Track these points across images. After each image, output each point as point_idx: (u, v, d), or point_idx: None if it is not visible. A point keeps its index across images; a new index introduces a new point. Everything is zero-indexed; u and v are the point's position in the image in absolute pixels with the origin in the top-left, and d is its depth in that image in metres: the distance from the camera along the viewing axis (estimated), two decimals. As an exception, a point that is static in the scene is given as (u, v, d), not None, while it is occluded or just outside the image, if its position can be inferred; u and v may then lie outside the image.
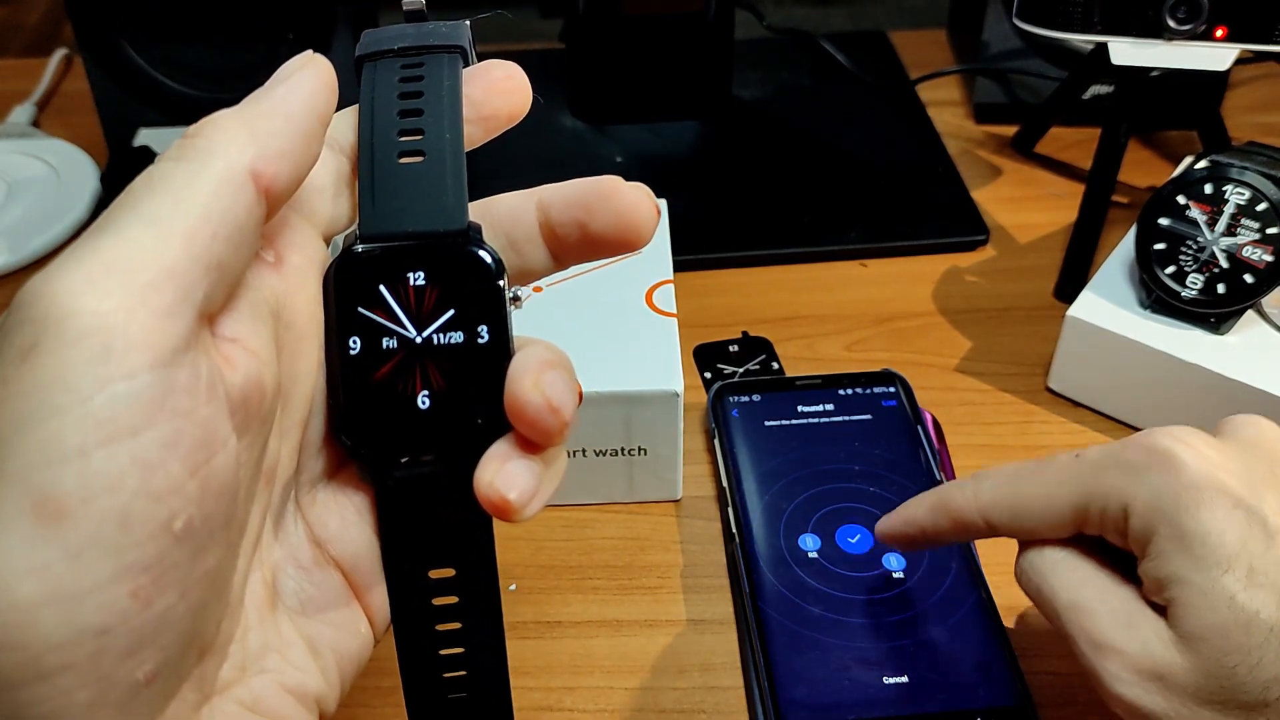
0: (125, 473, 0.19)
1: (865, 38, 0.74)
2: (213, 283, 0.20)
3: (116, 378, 0.19)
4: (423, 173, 0.25)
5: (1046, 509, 0.32)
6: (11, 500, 0.18)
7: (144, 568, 0.19)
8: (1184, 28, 0.50)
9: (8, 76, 0.73)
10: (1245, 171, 0.45)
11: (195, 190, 0.20)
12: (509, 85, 0.26)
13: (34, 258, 0.59)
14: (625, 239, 0.26)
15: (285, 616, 0.24)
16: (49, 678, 0.19)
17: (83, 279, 0.19)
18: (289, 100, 0.22)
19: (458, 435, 0.24)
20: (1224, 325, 0.46)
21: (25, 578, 0.18)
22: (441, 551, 0.25)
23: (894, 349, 0.53)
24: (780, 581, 0.40)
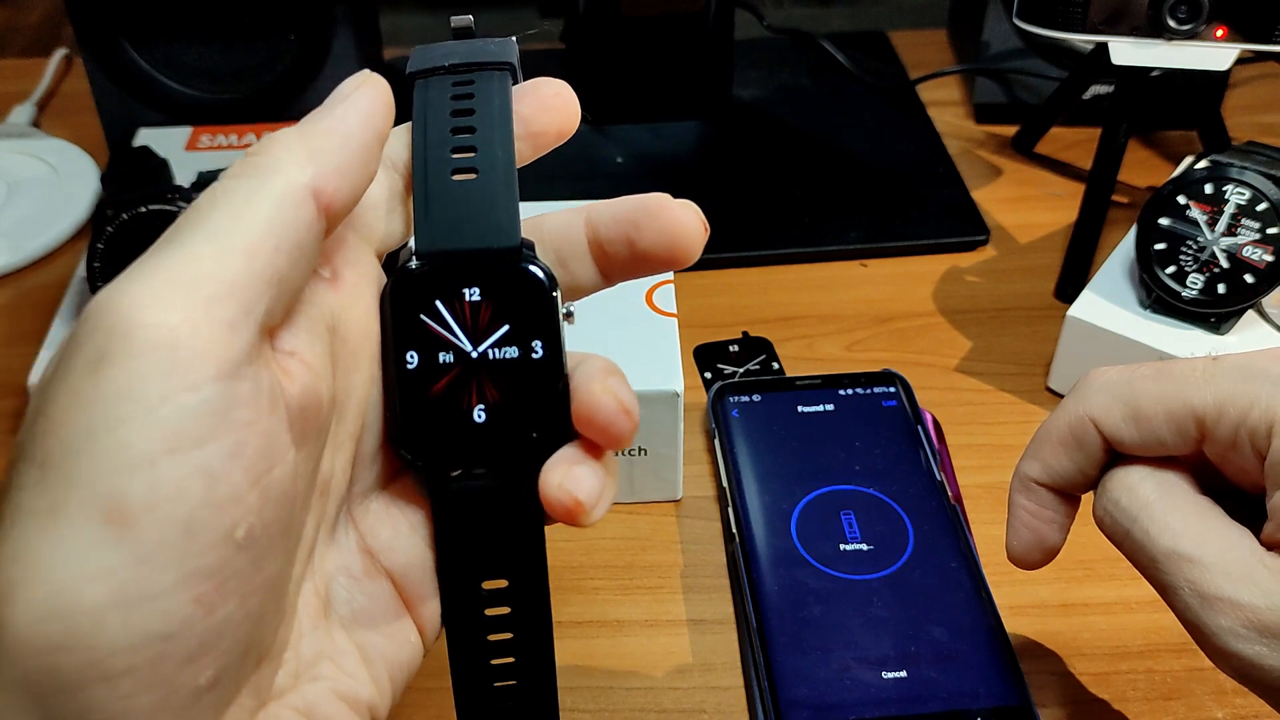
0: (190, 481, 0.19)
1: (865, 38, 0.74)
2: (273, 297, 0.21)
3: (182, 389, 0.19)
4: (476, 190, 0.25)
5: (1170, 412, 0.28)
6: (80, 506, 0.19)
7: (207, 575, 0.20)
8: (1184, 27, 0.50)
9: (8, 77, 0.73)
10: (1245, 171, 0.45)
11: (256, 206, 0.21)
12: (558, 103, 0.27)
13: (34, 258, 0.58)
14: (673, 256, 0.26)
15: (338, 625, 0.25)
16: (113, 680, 0.19)
17: (149, 293, 0.19)
18: (347, 119, 0.23)
19: (513, 448, 0.25)
20: (1224, 325, 0.46)
21: (92, 581, 0.19)
22: (495, 563, 0.26)
23: (894, 349, 0.53)
24: (780, 581, 0.40)
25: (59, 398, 0.19)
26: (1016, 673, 0.38)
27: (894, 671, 0.38)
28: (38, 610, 0.19)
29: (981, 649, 0.38)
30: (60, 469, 0.19)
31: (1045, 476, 0.32)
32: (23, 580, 0.19)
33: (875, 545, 0.42)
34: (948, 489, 0.44)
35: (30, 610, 0.19)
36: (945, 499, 0.43)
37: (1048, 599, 0.42)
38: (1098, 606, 0.42)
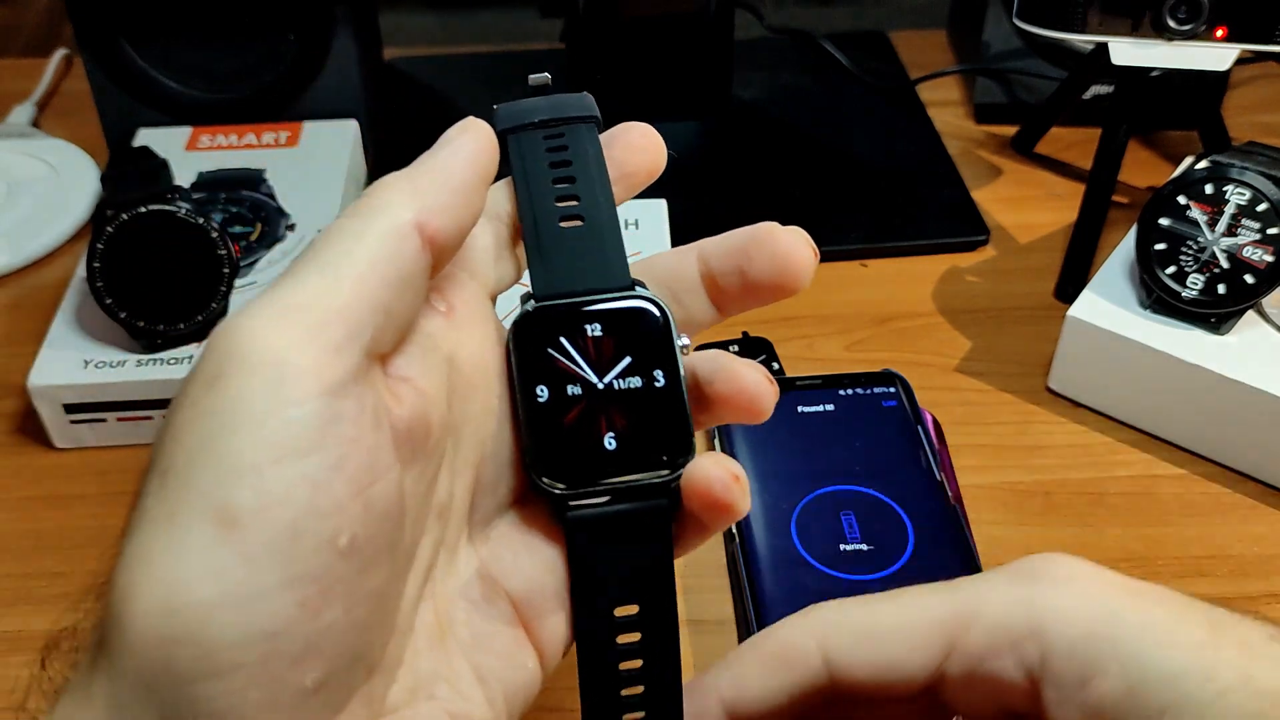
0: (295, 489, 0.21)
1: (866, 38, 0.74)
2: (380, 325, 0.22)
3: (288, 403, 0.21)
4: (585, 237, 0.27)
5: (909, 632, 0.25)
6: (194, 509, 0.20)
7: (312, 579, 0.21)
8: (1184, 28, 0.50)
9: (7, 76, 0.73)
10: (1246, 172, 0.45)
11: (364, 241, 0.22)
12: (645, 144, 0.28)
13: (34, 258, 0.58)
14: (784, 282, 0.27)
15: (455, 647, 0.25)
16: (223, 675, 0.20)
17: (263, 318, 0.21)
18: (451, 161, 0.24)
19: (644, 469, 0.27)
20: (1224, 326, 0.46)
21: (204, 579, 0.20)
22: (627, 588, 0.27)
23: (894, 349, 0.53)
24: (780, 582, 0.40)
25: (181, 411, 0.21)
26: (1016, 673, 0.37)
27: (894, 672, 0.37)
28: (154, 606, 0.20)
29: (981, 649, 0.38)
30: (179, 477, 0.21)
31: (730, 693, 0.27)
32: (142, 579, 0.20)
33: (875, 545, 0.42)
34: (948, 489, 0.44)
35: (147, 606, 0.20)
36: (945, 499, 0.43)
37: (1048, 599, 0.42)
38: (1098, 607, 0.42)
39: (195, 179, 0.56)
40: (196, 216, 0.46)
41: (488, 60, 0.71)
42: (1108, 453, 0.48)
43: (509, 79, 0.69)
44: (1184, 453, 0.47)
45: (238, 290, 0.50)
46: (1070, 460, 0.47)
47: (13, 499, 0.47)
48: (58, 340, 0.48)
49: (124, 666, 0.20)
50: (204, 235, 0.47)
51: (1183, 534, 0.44)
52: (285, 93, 0.61)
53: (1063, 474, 0.47)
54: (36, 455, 0.49)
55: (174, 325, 0.47)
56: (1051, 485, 0.46)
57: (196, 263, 0.47)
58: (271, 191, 0.56)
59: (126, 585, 0.20)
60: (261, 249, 0.53)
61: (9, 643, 0.41)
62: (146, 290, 0.46)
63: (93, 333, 0.48)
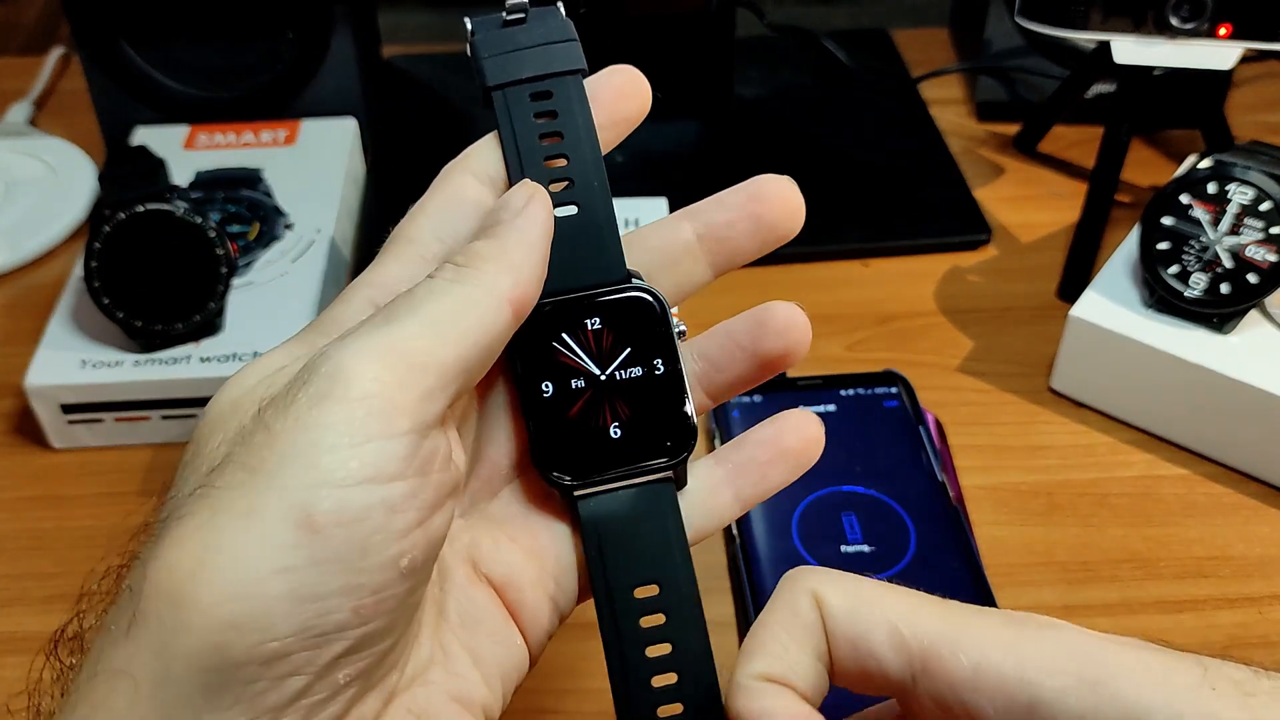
0: (374, 509, 0.22)
1: (867, 36, 0.74)
2: (463, 384, 0.25)
3: (384, 434, 0.23)
4: (580, 230, 0.28)
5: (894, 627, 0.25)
6: (281, 509, 0.22)
7: (370, 591, 0.23)
8: (1187, 26, 0.50)
9: (5, 75, 0.73)
10: (1249, 171, 0.45)
11: (469, 308, 0.25)
12: (632, 89, 0.29)
13: (31, 257, 0.58)
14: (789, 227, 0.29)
15: (448, 630, 0.27)
16: (271, 662, 0.22)
17: (373, 354, 0.23)
18: (530, 232, 0.26)
19: (651, 455, 0.28)
20: (1227, 325, 0.46)
21: (275, 575, 0.22)
22: (644, 570, 0.27)
23: (895, 349, 0.53)
24: (781, 583, 0.40)
25: (283, 420, 0.23)
26: (1019, 675, 0.37)
27: (896, 674, 0.37)
28: (224, 592, 0.21)
29: (984, 651, 0.38)
30: (269, 477, 0.22)
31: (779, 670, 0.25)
32: (215, 564, 0.22)
33: (876, 546, 0.41)
34: (949, 490, 0.44)
35: (217, 590, 0.21)
36: (947, 500, 0.43)
37: (1050, 601, 0.42)
38: (1100, 608, 0.42)
39: (193, 178, 0.56)
40: (194, 216, 0.46)
41: (487, 58, 0.71)
42: (1110, 453, 0.47)
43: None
44: (1186, 453, 0.47)
45: (236, 290, 0.49)
46: (1072, 460, 0.47)
47: (10, 499, 0.47)
48: (55, 340, 0.48)
49: (179, 646, 0.21)
50: (202, 234, 0.46)
51: (1185, 534, 0.44)
52: (283, 91, 0.61)
53: (1065, 474, 0.47)
54: (34, 455, 0.49)
55: (172, 325, 0.47)
56: (1053, 486, 0.46)
57: (194, 262, 0.47)
58: (269, 190, 0.56)
59: (197, 563, 0.22)
60: (259, 248, 0.52)
61: (7, 643, 0.41)
62: (144, 290, 0.46)
63: (90, 332, 0.48)
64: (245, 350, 0.48)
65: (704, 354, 0.30)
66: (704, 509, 0.29)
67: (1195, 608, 0.41)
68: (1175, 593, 0.42)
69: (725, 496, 0.29)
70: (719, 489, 0.29)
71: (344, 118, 0.60)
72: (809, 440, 0.29)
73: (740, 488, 0.29)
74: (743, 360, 0.29)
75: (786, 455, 0.29)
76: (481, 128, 0.31)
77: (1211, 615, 0.41)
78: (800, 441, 0.29)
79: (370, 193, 0.61)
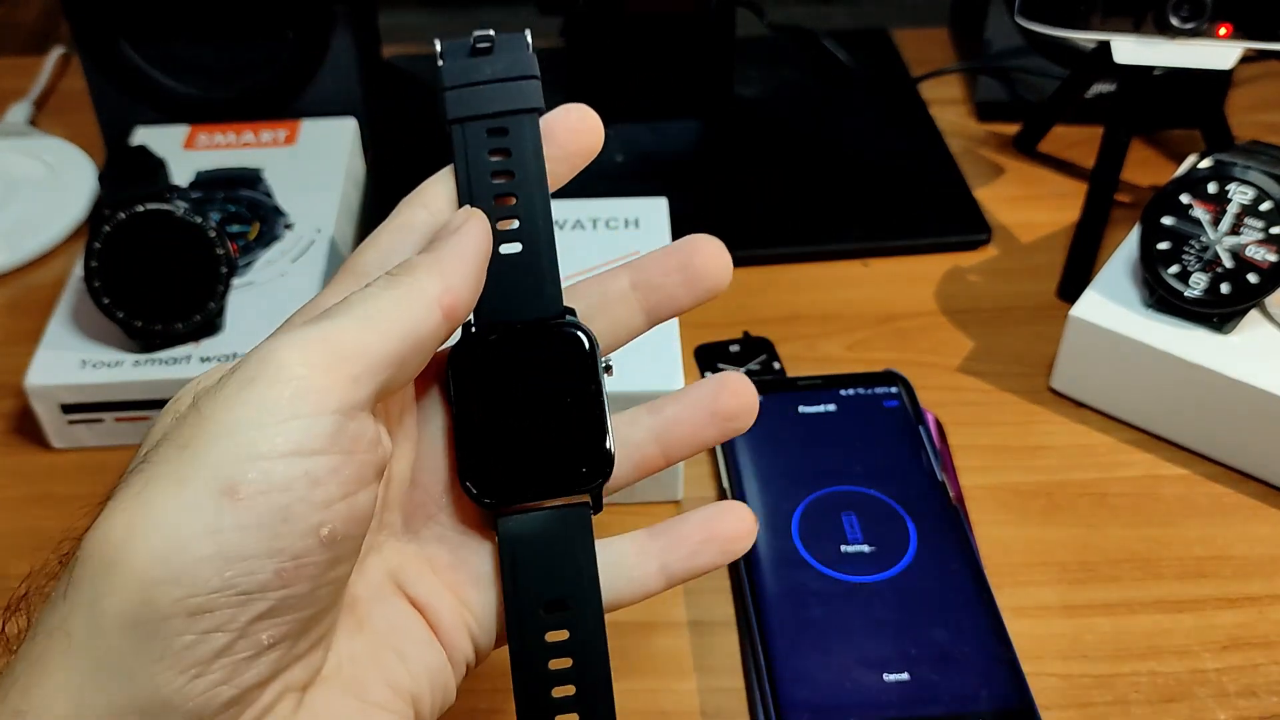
0: (296, 480, 0.24)
1: (867, 36, 0.74)
2: (392, 375, 0.27)
3: (309, 412, 0.25)
4: (523, 265, 0.30)
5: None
6: (206, 480, 0.24)
7: (291, 555, 0.24)
8: (1187, 26, 0.50)
9: (4, 75, 0.73)
10: (1249, 170, 0.45)
11: (397, 305, 0.27)
12: (584, 126, 0.31)
13: (31, 257, 0.58)
14: (717, 282, 0.32)
15: (373, 634, 0.29)
16: (197, 616, 0.23)
17: (300, 343, 0.25)
18: (464, 247, 0.28)
19: (566, 481, 0.30)
20: (1227, 325, 0.46)
21: (201, 537, 0.23)
22: (554, 587, 0.29)
23: (895, 349, 0.53)
24: (781, 582, 0.40)
25: (214, 402, 0.25)
26: (1018, 674, 0.37)
27: (895, 673, 0.37)
28: (155, 550, 0.23)
29: (983, 651, 0.38)
30: (198, 452, 0.24)
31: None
32: (145, 528, 0.24)
33: (877, 546, 0.41)
34: (949, 490, 0.44)
35: (148, 549, 0.23)
36: (947, 500, 0.43)
37: (1050, 600, 0.42)
38: (1100, 608, 0.42)
39: (193, 178, 0.56)
40: (194, 215, 0.46)
41: (487, 58, 0.71)
42: (1110, 453, 0.47)
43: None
44: (1187, 453, 0.47)
45: (236, 290, 0.49)
46: (1072, 460, 0.47)
47: (10, 499, 0.47)
48: (55, 340, 0.48)
49: (109, 602, 0.23)
50: (201, 234, 0.46)
51: (1185, 534, 0.44)
52: (283, 91, 0.61)
53: (1065, 474, 0.47)
54: (34, 455, 0.49)
55: (171, 325, 0.47)
56: (1053, 486, 0.46)
57: (194, 262, 0.47)
58: (269, 190, 0.56)
59: (128, 528, 0.24)
60: (259, 248, 0.52)
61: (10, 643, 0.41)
62: (144, 290, 0.46)
63: (90, 332, 0.48)
64: (245, 350, 0.47)
65: (659, 409, 0.32)
66: (628, 577, 0.31)
67: (1195, 608, 0.42)
68: (1175, 592, 0.42)
69: (651, 568, 0.31)
70: (647, 560, 0.31)
71: (344, 118, 0.60)
72: (742, 532, 0.31)
73: (668, 563, 0.31)
74: (702, 419, 0.31)
75: (717, 540, 0.31)
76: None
77: (1211, 615, 0.41)
78: (733, 530, 0.31)
79: (370, 193, 0.61)
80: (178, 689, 0.24)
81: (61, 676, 0.24)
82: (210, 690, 0.24)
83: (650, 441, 0.31)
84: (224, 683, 0.24)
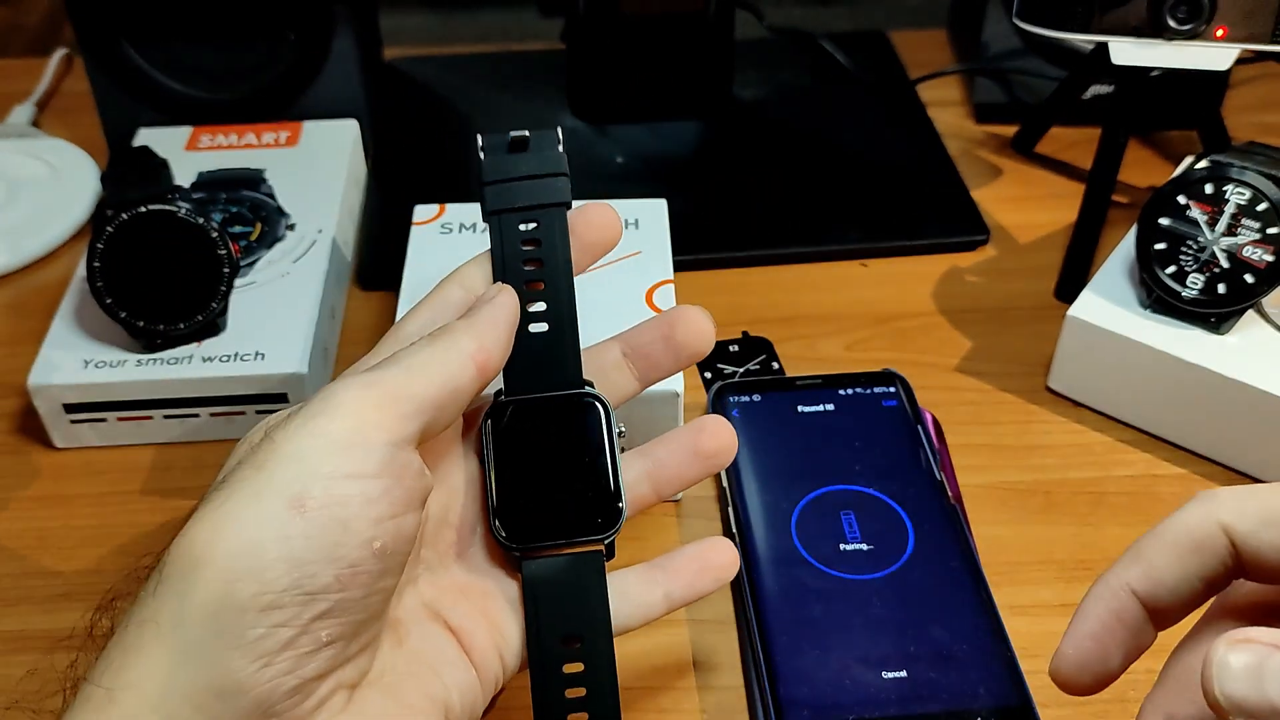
0: (353, 498, 0.29)
1: (865, 38, 0.74)
2: (433, 418, 0.31)
3: (364, 443, 0.29)
4: (549, 345, 0.35)
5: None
6: (277, 494, 0.28)
7: (349, 563, 0.28)
8: (1184, 27, 0.50)
9: (8, 76, 0.73)
10: (1246, 171, 0.45)
11: (437, 358, 0.31)
12: (605, 222, 0.36)
13: (34, 257, 0.58)
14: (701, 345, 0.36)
15: (413, 651, 0.33)
16: (268, 610, 0.27)
17: (357, 386, 0.30)
18: (496, 314, 0.33)
19: (583, 531, 0.34)
20: (1224, 325, 0.46)
21: (273, 541, 0.28)
22: (571, 625, 0.33)
23: (894, 349, 0.53)
24: (780, 581, 0.40)
25: (284, 431, 0.29)
26: (1017, 673, 0.38)
27: (894, 672, 0.38)
28: (234, 552, 0.27)
29: (982, 649, 0.38)
30: (271, 471, 0.28)
31: (1144, 585, 0.28)
32: (228, 532, 0.28)
33: (875, 545, 0.42)
34: (948, 489, 0.44)
35: (228, 551, 0.27)
36: (945, 499, 0.43)
37: (1048, 599, 0.42)
38: (1098, 606, 0.42)
39: (195, 179, 0.56)
40: (196, 216, 0.46)
41: (487, 60, 0.71)
42: (1108, 452, 0.48)
43: (509, 79, 0.69)
44: (1184, 452, 0.47)
45: (238, 290, 0.50)
46: (1070, 460, 0.47)
47: (13, 499, 0.47)
48: (58, 340, 0.48)
49: (194, 595, 0.27)
50: (204, 235, 0.47)
51: (1183, 533, 0.44)
52: (285, 92, 0.61)
53: (1063, 474, 0.47)
54: (36, 455, 0.49)
55: (174, 325, 0.47)
56: (1051, 485, 0.46)
57: (196, 263, 0.47)
58: (271, 191, 0.56)
59: (212, 533, 0.28)
60: (261, 249, 0.53)
61: (9, 642, 0.41)
62: (146, 290, 0.46)
63: (93, 332, 0.48)
64: (247, 350, 0.48)
65: (648, 452, 0.36)
66: (635, 603, 0.35)
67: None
68: (1172, 591, 0.42)
69: (656, 596, 0.35)
70: (652, 590, 0.35)
71: (345, 120, 0.60)
72: (729, 561, 0.36)
73: (670, 590, 0.35)
74: (686, 459, 0.36)
75: (711, 569, 0.36)
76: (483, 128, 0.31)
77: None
78: (722, 560, 0.36)
79: (371, 194, 0.61)
80: (250, 674, 0.27)
81: (150, 661, 0.27)
82: (277, 679, 0.27)
83: (643, 481, 0.36)
84: (288, 673, 0.28)
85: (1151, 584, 0.28)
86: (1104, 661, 0.28)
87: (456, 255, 0.50)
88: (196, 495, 0.47)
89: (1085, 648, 0.28)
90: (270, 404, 0.48)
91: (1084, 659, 0.28)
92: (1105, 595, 0.28)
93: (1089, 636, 0.28)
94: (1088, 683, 0.29)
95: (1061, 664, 0.29)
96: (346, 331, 0.54)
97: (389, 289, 0.55)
